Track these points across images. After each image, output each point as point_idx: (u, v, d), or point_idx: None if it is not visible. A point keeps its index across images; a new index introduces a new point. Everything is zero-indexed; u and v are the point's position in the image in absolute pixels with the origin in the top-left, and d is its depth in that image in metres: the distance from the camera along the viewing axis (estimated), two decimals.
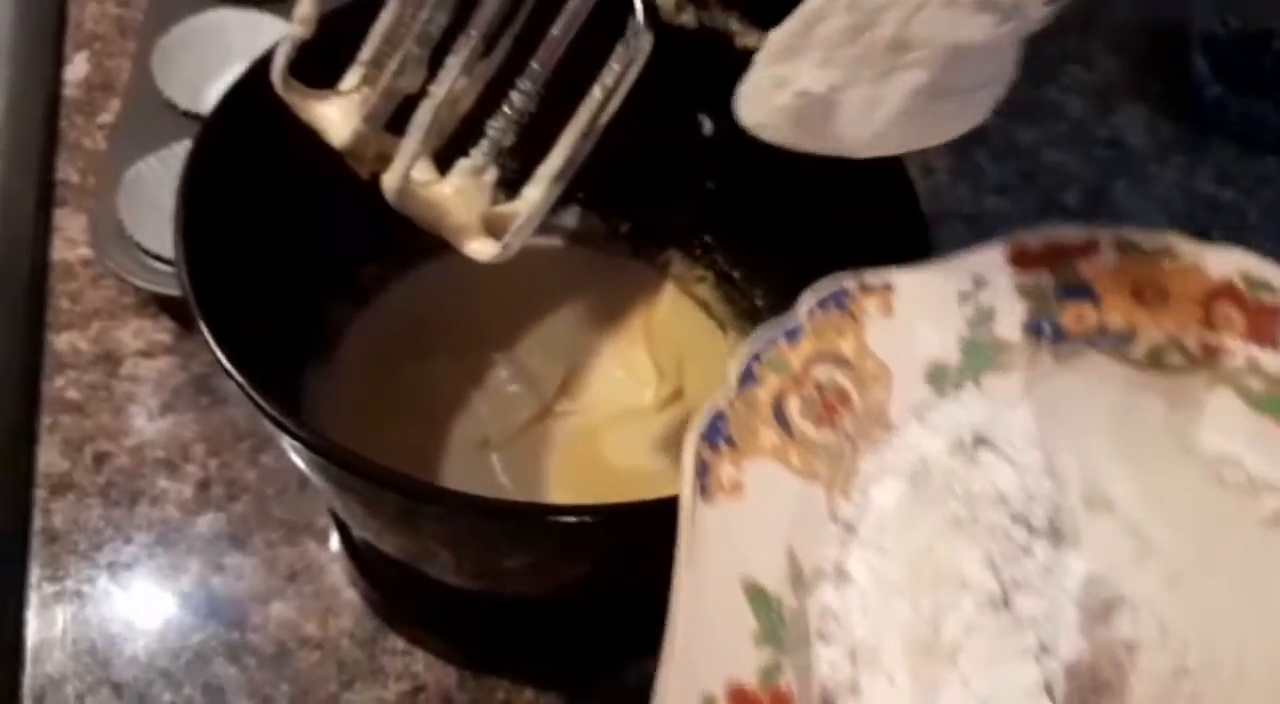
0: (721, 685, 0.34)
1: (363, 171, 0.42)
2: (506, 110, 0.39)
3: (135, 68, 0.67)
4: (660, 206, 0.58)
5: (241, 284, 0.45)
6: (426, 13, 0.40)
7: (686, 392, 0.55)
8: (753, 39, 0.49)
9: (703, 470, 0.36)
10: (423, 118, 0.39)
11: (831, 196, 0.47)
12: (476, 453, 0.53)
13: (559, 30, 0.38)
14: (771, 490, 0.37)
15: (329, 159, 0.42)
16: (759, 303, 0.56)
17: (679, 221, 0.58)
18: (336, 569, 0.54)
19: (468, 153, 0.40)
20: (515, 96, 0.39)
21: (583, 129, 0.40)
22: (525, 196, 0.40)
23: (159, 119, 0.64)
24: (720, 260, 0.58)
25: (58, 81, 0.69)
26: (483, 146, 0.40)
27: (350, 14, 0.43)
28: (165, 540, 0.55)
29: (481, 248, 0.40)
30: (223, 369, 0.40)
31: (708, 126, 0.54)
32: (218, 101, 0.47)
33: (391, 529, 0.47)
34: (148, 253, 0.59)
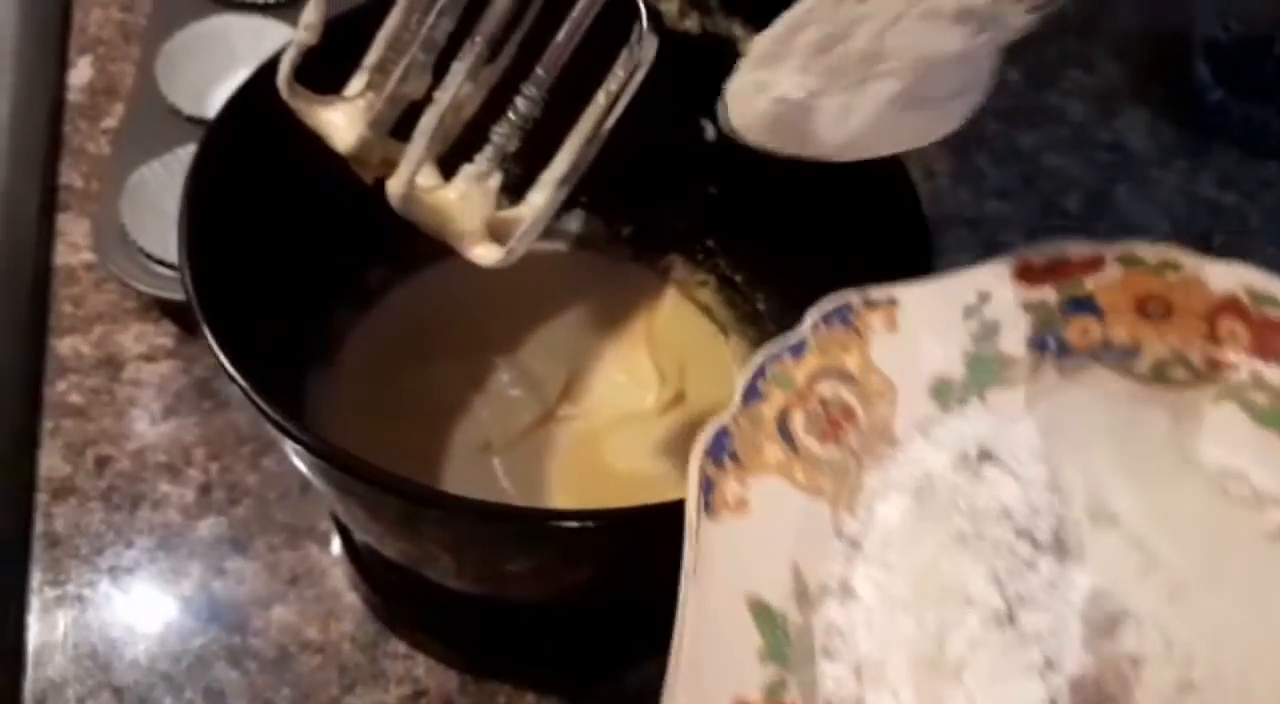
0: (727, 702, 0.34)
1: (367, 177, 0.42)
2: (511, 116, 0.39)
3: (139, 73, 0.67)
4: (662, 211, 0.58)
5: (244, 288, 0.45)
6: (432, 19, 0.40)
7: (688, 395, 0.55)
8: None
9: (707, 487, 0.36)
10: (428, 124, 0.39)
11: (833, 201, 0.47)
12: (478, 457, 0.53)
13: (564, 36, 0.38)
14: (776, 507, 0.37)
15: (333, 164, 0.42)
16: (761, 307, 0.56)
17: (681, 226, 0.58)
18: (338, 573, 0.54)
19: (472, 158, 0.40)
20: (520, 102, 0.39)
21: (587, 135, 0.40)
22: (529, 202, 0.40)
23: (162, 124, 0.64)
24: (722, 264, 0.58)
25: (61, 86, 0.69)
26: (487, 152, 0.40)
27: (355, 20, 0.43)
28: (167, 544, 0.55)
29: (486, 253, 0.40)
30: (226, 373, 0.40)
31: (710, 131, 0.54)
32: (223, 106, 0.47)
33: (393, 533, 0.47)
34: (150, 257, 0.59)
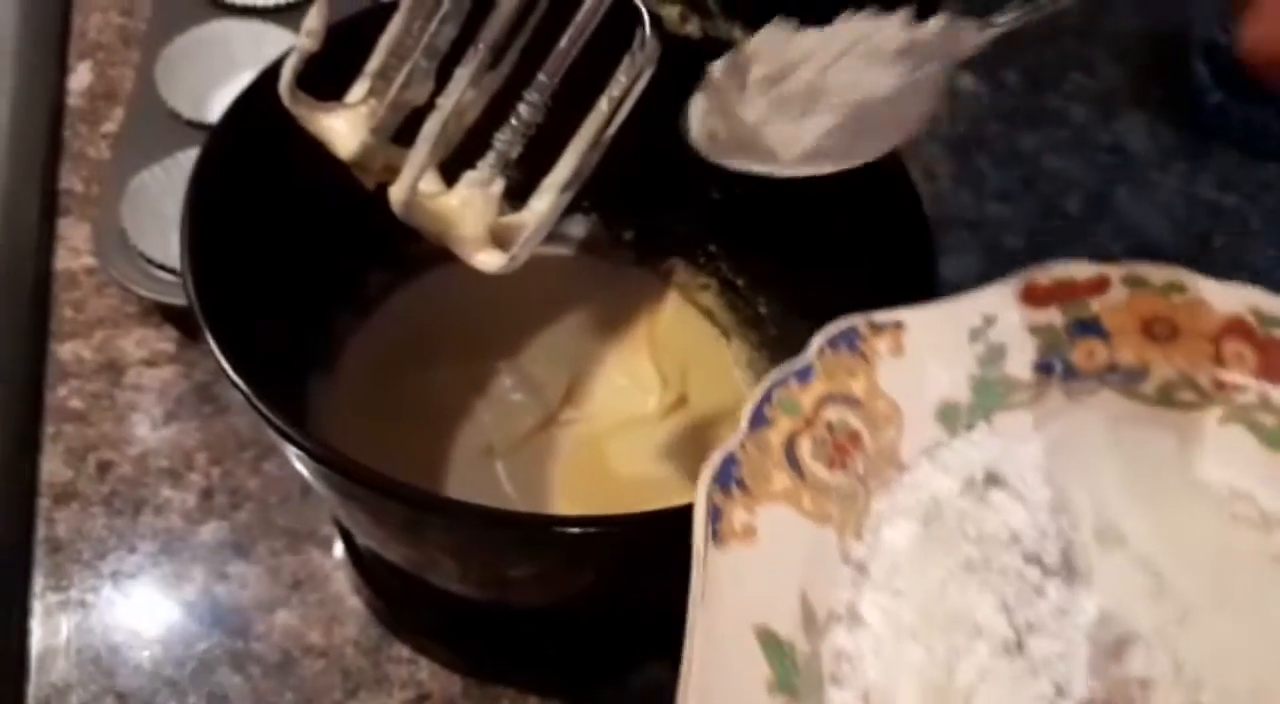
0: None
1: (369, 183, 0.42)
2: (513, 122, 0.39)
3: (139, 77, 0.67)
4: (664, 215, 0.58)
5: (246, 293, 0.45)
6: (434, 25, 0.40)
7: (690, 399, 0.55)
8: None
9: (715, 515, 0.35)
10: (430, 130, 0.39)
11: (835, 204, 0.47)
12: (481, 461, 0.53)
13: (566, 42, 0.38)
14: (784, 535, 0.36)
15: (335, 169, 0.42)
16: (762, 310, 0.56)
17: (683, 230, 0.58)
18: (340, 577, 0.54)
19: (475, 165, 0.40)
20: (522, 108, 0.39)
21: (589, 140, 0.40)
22: (532, 208, 0.40)
23: (162, 128, 0.64)
24: (724, 268, 0.58)
25: (62, 90, 0.69)
26: (489, 158, 0.40)
27: (357, 26, 0.43)
28: (169, 549, 0.55)
29: (489, 259, 0.39)
30: (227, 378, 0.40)
31: None
32: (225, 112, 0.47)
33: (395, 538, 0.47)
34: (151, 262, 0.59)
